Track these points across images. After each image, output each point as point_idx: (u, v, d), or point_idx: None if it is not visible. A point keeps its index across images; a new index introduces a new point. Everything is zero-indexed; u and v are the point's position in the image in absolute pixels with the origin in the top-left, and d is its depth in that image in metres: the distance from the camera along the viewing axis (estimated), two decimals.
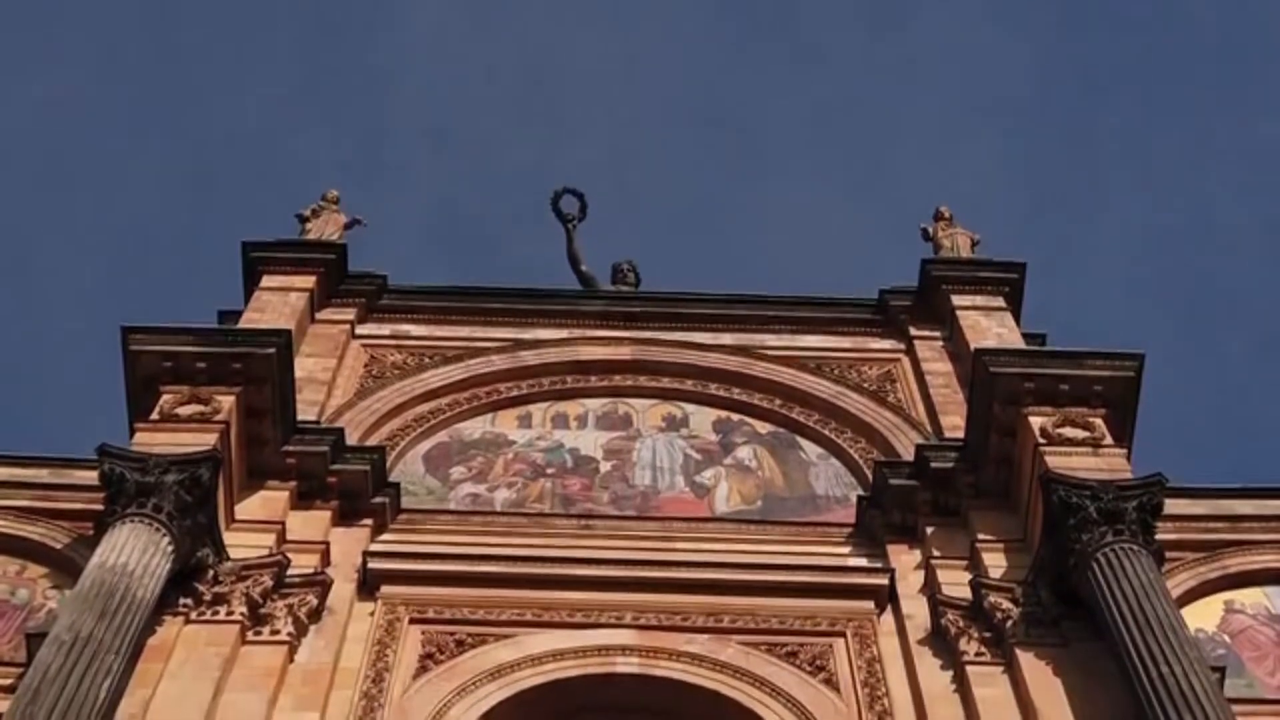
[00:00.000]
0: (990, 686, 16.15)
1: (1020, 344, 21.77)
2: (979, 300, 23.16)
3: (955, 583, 17.56)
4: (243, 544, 17.38)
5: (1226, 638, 17.48)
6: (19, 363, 50.72)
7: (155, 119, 56.14)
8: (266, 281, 22.96)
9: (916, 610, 17.58)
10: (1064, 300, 47.68)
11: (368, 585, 17.85)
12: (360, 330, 23.16)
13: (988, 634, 16.73)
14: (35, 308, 53.78)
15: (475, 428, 21.69)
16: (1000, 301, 23.17)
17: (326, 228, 24.65)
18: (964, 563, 17.95)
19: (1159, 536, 17.00)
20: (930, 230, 25.40)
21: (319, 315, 22.96)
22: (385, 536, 18.91)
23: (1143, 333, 50.04)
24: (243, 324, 21.57)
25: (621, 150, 59.12)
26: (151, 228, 55.81)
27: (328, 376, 21.48)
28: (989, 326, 22.32)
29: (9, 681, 15.37)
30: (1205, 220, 55.63)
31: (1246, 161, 54.31)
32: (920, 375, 22.14)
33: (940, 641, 17.00)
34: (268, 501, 18.40)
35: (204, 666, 15.67)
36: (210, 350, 18.92)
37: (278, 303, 22.30)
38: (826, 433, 21.43)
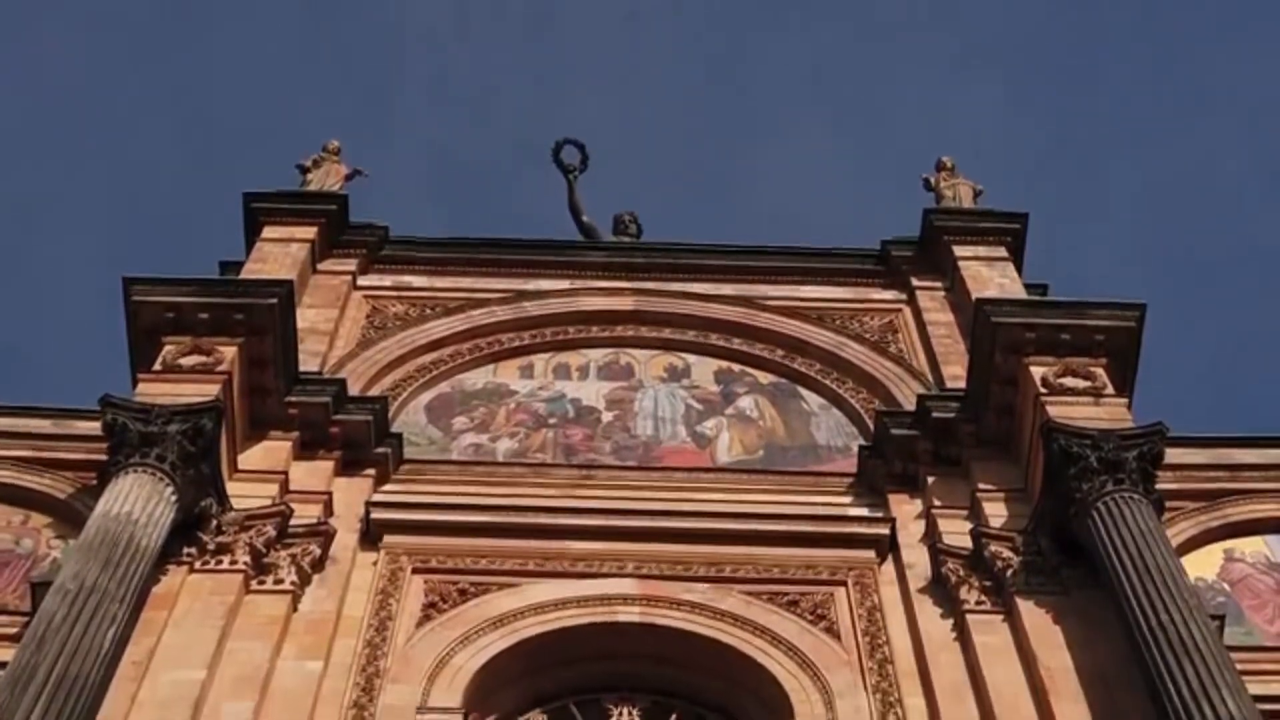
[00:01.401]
0: (990, 634, 16.21)
1: (1022, 294, 21.77)
2: (981, 250, 23.14)
3: (956, 532, 17.61)
4: (246, 494, 17.43)
5: (1226, 586, 17.56)
6: (21, 314, 50.76)
7: (157, 70, 55.99)
8: (268, 232, 22.95)
9: (917, 559, 17.64)
10: (1066, 251, 47.70)
11: (370, 535, 17.91)
12: (362, 281, 23.16)
13: (988, 583, 16.79)
14: (37, 259, 53.79)
15: (477, 378, 21.73)
16: (1002, 252, 23.15)
17: (327, 179, 24.62)
18: (965, 512, 18.00)
19: (1159, 485, 17.03)
20: (932, 181, 25.36)
21: (320, 266, 22.96)
22: (388, 487, 18.97)
23: (1144, 283, 50.06)
24: (244, 275, 21.57)
25: (622, 101, 58.98)
26: (153, 179, 55.83)
27: (329, 327, 21.50)
28: (991, 277, 22.31)
29: (14, 630, 15.46)
30: (1209, 171, 55.55)
31: (1250, 112, 54.14)
32: (922, 325, 22.17)
33: (941, 590, 17.07)
34: (270, 452, 18.45)
35: (208, 615, 15.74)
36: (212, 301, 18.93)
37: (279, 253, 22.29)
38: (828, 383, 21.46)
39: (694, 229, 46.43)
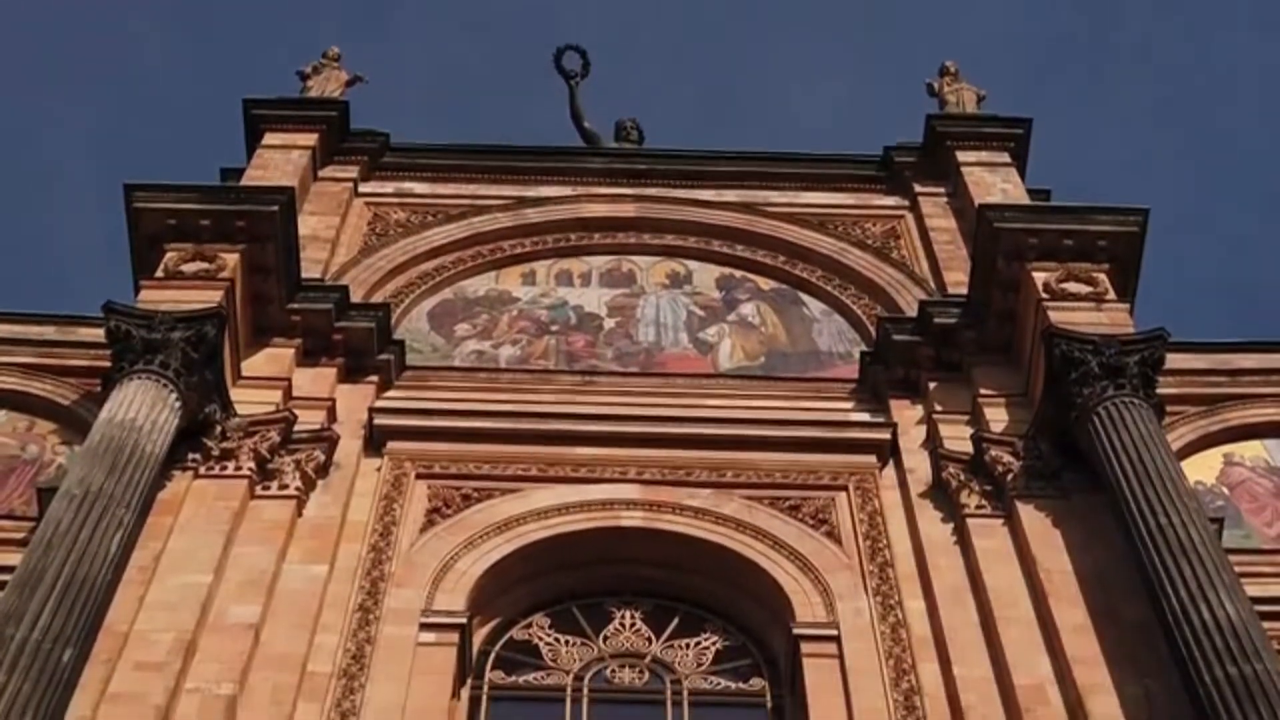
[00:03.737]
0: (990, 538, 16.32)
1: (1025, 200, 21.72)
2: (984, 156, 23.08)
3: (957, 437, 17.70)
4: (249, 400, 17.50)
5: (1225, 490, 17.66)
6: (24, 221, 50.66)
7: None
8: (268, 139, 22.89)
9: (918, 464, 17.73)
10: (1070, 156, 47.48)
11: (374, 441, 18.00)
12: (363, 188, 23.14)
13: (988, 487, 16.89)
14: (40, 166, 53.59)
15: (479, 285, 21.74)
16: (1005, 157, 23.09)
17: (328, 85, 24.52)
18: (965, 417, 18.07)
19: (1160, 391, 17.09)
20: (936, 86, 25.25)
21: (322, 173, 22.92)
22: (391, 393, 19.03)
23: (1147, 189, 49.90)
24: (245, 182, 21.54)
25: (624, 7, 58.45)
26: (153, 85, 55.42)
27: (331, 234, 21.50)
28: (994, 182, 22.25)
29: (21, 535, 15.58)
30: (1215, 75, 55.16)
31: (1259, 16, 53.65)
32: (924, 231, 22.14)
33: (941, 495, 17.18)
34: (273, 359, 18.50)
35: (213, 520, 15.85)
36: (213, 208, 18.91)
37: (280, 160, 22.24)
38: (830, 289, 21.48)
39: (696, 136, 46.28)
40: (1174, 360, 17.64)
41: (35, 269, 46.51)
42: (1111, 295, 18.48)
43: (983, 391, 18.26)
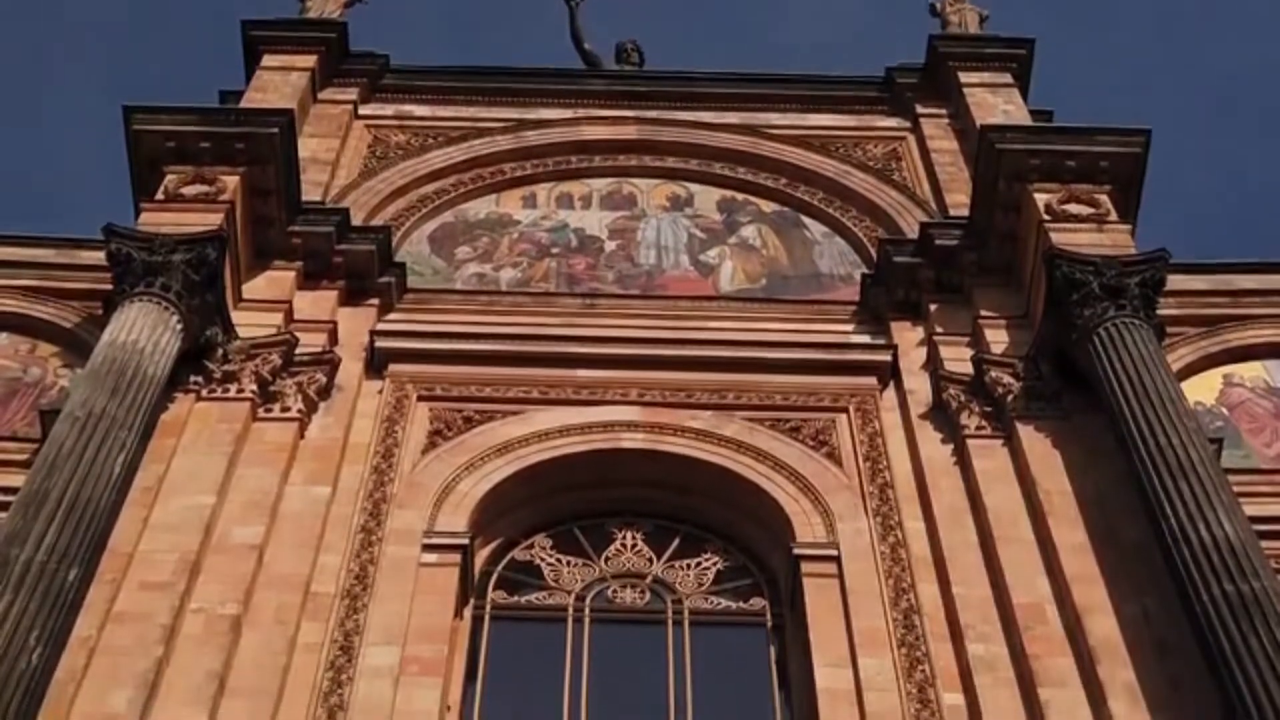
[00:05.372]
0: (990, 459, 16.38)
1: (1027, 121, 21.61)
2: (986, 77, 22.97)
3: (957, 358, 17.72)
4: (251, 323, 17.51)
5: (1225, 410, 17.71)
6: (25, 144, 50.49)
7: None
8: (267, 61, 22.77)
9: (919, 386, 17.76)
10: (1072, 77, 47.21)
11: (375, 364, 18.02)
12: (363, 110, 23.05)
13: (988, 408, 16.93)
14: (40, 89, 53.36)
15: (480, 208, 21.71)
16: (1007, 78, 22.98)
17: (327, 5, 24.37)
18: (966, 339, 18.09)
19: (1161, 312, 17.10)
20: (938, 6, 25.09)
21: (321, 95, 22.82)
22: (392, 316, 19.04)
23: (1149, 110, 49.64)
24: (244, 104, 21.43)
25: None
26: (152, 7, 55.05)
27: (331, 157, 21.44)
28: (996, 103, 22.15)
29: (24, 457, 15.63)
30: None
31: None
32: (926, 153, 22.08)
33: (941, 416, 17.22)
34: (274, 281, 18.50)
35: (216, 442, 15.90)
36: (213, 130, 18.84)
37: (279, 82, 22.14)
38: (831, 211, 21.45)
39: (697, 58, 45.86)
40: (1175, 281, 17.63)
41: (37, 193, 46.42)
42: (1113, 216, 18.43)
43: (983, 313, 18.27)
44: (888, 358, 18.27)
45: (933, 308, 18.74)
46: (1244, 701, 12.54)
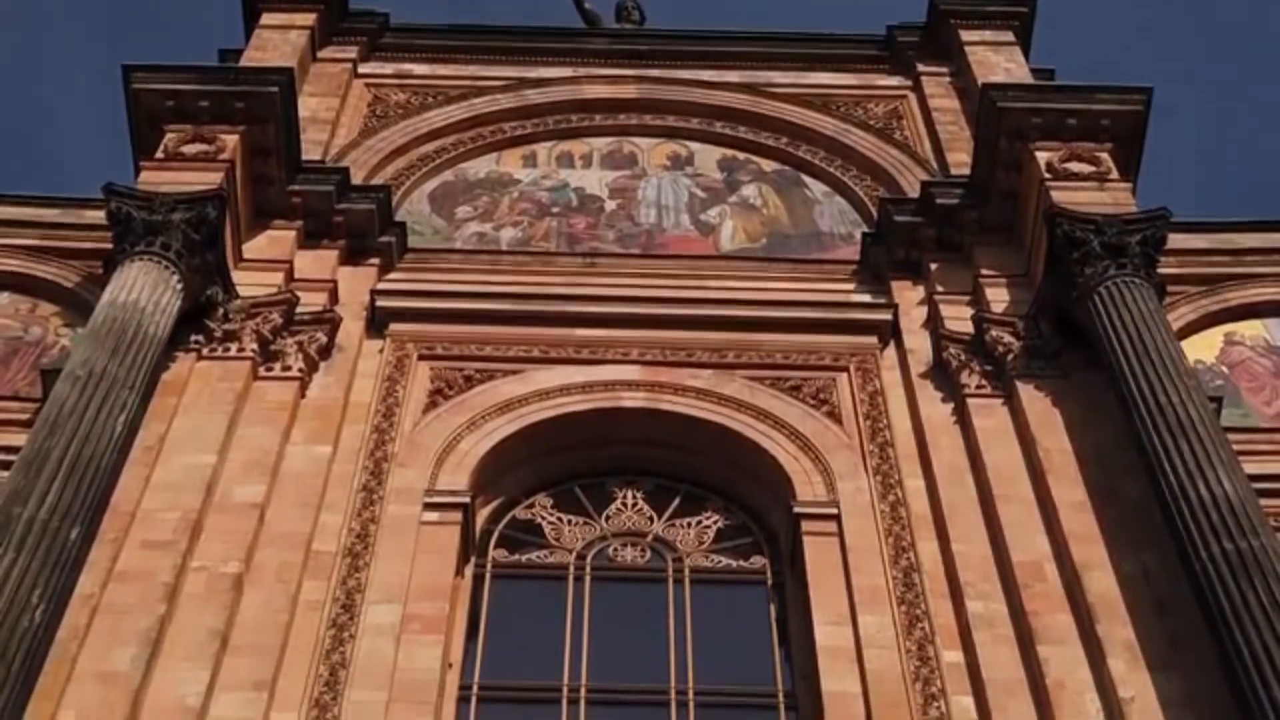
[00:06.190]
0: (990, 418, 16.40)
1: (1029, 79, 21.62)
2: (988, 35, 22.93)
3: (958, 317, 17.73)
4: (251, 282, 17.52)
5: (1225, 369, 17.71)
6: (26, 104, 50.35)
7: None
8: (266, 19, 22.73)
9: (919, 345, 17.77)
10: (1074, 36, 46.99)
11: (376, 323, 18.03)
12: (363, 69, 23.00)
13: (989, 367, 16.94)
14: (40, 48, 53.16)
15: (480, 167, 21.67)
16: (1009, 36, 22.94)
17: None
18: (967, 298, 18.10)
19: (1161, 270, 17.09)
20: None
21: (320, 54, 22.78)
22: (392, 275, 19.03)
23: (1151, 69, 49.41)
24: (244, 63, 21.43)
25: None
26: None
27: (331, 116, 21.41)
28: (997, 62, 22.12)
29: (26, 416, 15.65)
30: None
31: None
32: (927, 112, 22.04)
33: (942, 375, 17.23)
34: (275, 241, 18.49)
35: (217, 401, 15.92)
36: (212, 89, 18.81)
37: (278, 41, 22.10)
38: (832, 170, 21.41)
39: (698, 16, 45.66)
40: (1176, 240, 17.63)
41: (37, 153, 46.31)
42: (1114, 175, 18.40)
43: (984, 272, 18.27)
44: (888, 317, 18.27)
45: (933, 266, 18.73)
46: (1242, 658, 12.59)
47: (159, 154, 18.33)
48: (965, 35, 22.81)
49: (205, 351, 16.52)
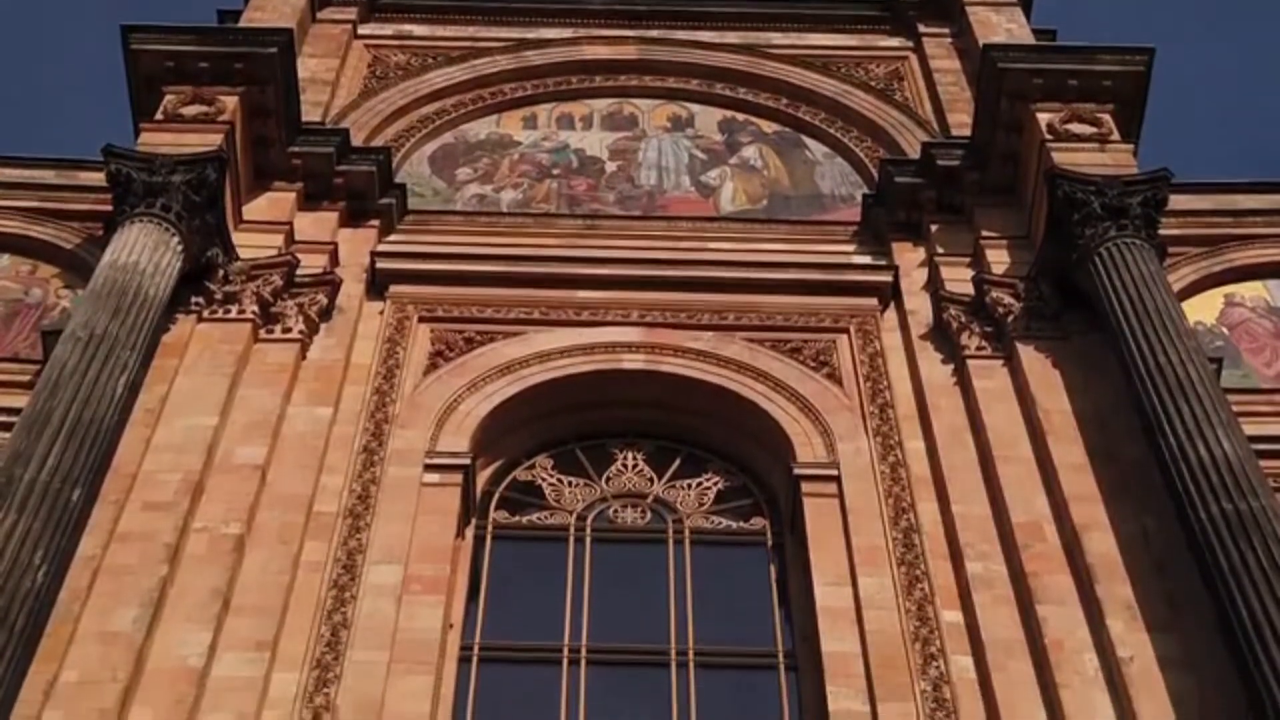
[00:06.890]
0: (990, 379, 16.41)
1: (1030, 40, 21.53)
2: None
3: (958, 279, 17.72)
4: (252, 244, 17.52)
5: (1225, 330, 17.72)
6: (24, 66, 50.17)
7: None
8: None
9: (919, 306, 17.76)
10: None
11: (377, 285, 18.03)
12: (362, 30, 22.93)
13: (989, 328, 16.94)
14: (34, 8, 52.93)
15: (480, 129, 21.63)
16: None
17: None
18: (967, 259, 18.07)
19: (1163, 232, 17.06)
20: None
21: (320, 15, 22.71)
22: (393, 237, 19.02)
23: (1153, 30, 49.22)
24: (242, 23, 21.37)
25: None
26: None
27: (331, 77, 21.35)
28: (998, 22, 22.04)
29: (26, 378, 15.68)
30: None
31: None
32: (928, 73, 21.97)
33: (942, 336, 17.24)
34: (275, 202, 18.46)
35: (218, 363, 15.94)
36: (211, 49, 18.74)
37: (277, 2, 22.01)
38: (832, 132, 21.37)
39: None
40: (1177, 201, 17.60)
41: (36, 115, 46.20)
42: (1115, 136, 18.36)
43: (984, 233, 18.24)
44: (889, 278, 18.26)
45: (934, 228, 18.70)
46: (1241, 619, 12.63)
47: (158, 115, 18.28)
48: None
49: (206, 313, 16.53)
